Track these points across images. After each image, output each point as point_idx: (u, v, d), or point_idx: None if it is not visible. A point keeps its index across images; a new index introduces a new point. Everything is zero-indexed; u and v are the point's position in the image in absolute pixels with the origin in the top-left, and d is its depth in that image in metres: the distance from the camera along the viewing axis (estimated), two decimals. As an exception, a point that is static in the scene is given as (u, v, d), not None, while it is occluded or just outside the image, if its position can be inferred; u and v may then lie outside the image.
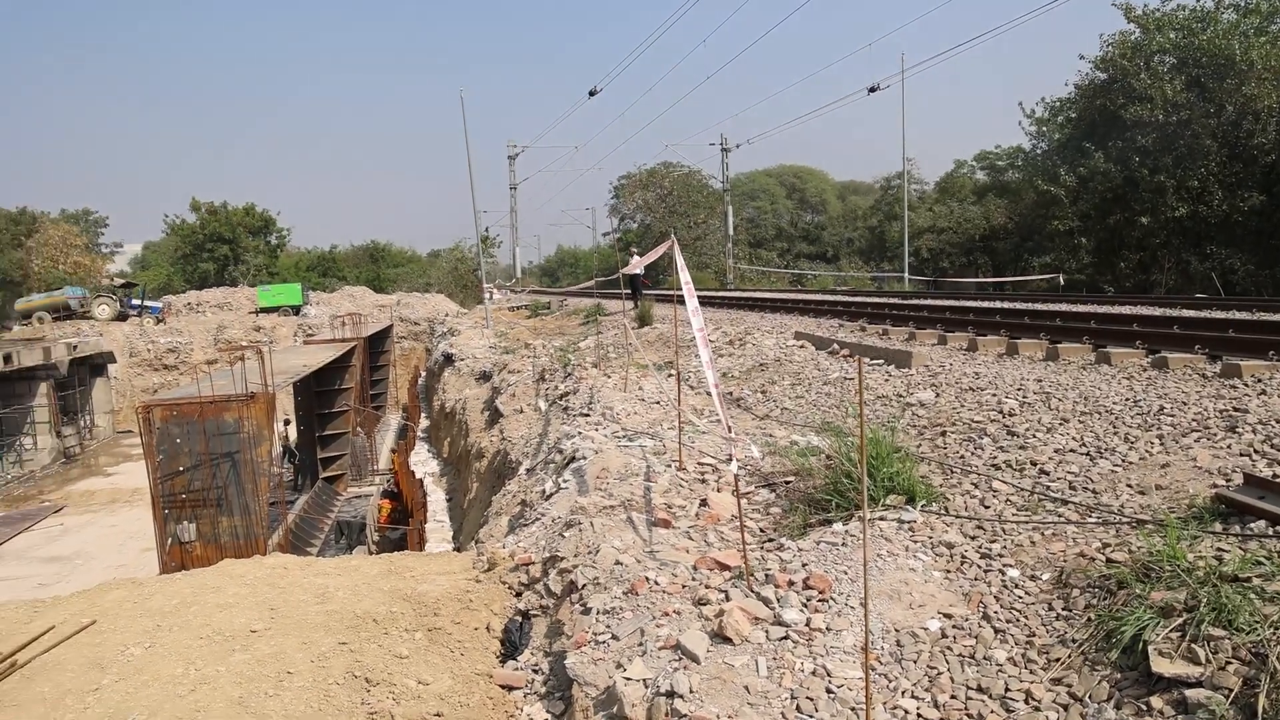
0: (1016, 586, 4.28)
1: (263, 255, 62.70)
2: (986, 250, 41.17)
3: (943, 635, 4.05)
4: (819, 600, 4.47)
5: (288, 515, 17.68)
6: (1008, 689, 3.55)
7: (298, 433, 24.21)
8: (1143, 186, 26.37)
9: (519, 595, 5.88)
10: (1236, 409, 5.79)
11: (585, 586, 5.26)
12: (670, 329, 15.63)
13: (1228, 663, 3.17)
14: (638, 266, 19.68)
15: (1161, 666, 3.25)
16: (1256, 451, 5.03)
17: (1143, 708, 3.17)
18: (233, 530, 13.96)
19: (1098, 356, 8.25)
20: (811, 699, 3.67)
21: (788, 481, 6.44)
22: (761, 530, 5.70)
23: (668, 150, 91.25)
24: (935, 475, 5.99)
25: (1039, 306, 14.50)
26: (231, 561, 6.93)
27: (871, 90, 30.78)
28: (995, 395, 7.39)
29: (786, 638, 4.16)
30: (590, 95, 38.33)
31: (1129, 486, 5.01)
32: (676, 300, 6.78)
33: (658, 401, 10.17)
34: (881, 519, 5.35)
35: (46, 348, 28.57)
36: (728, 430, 5.39)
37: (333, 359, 22.96)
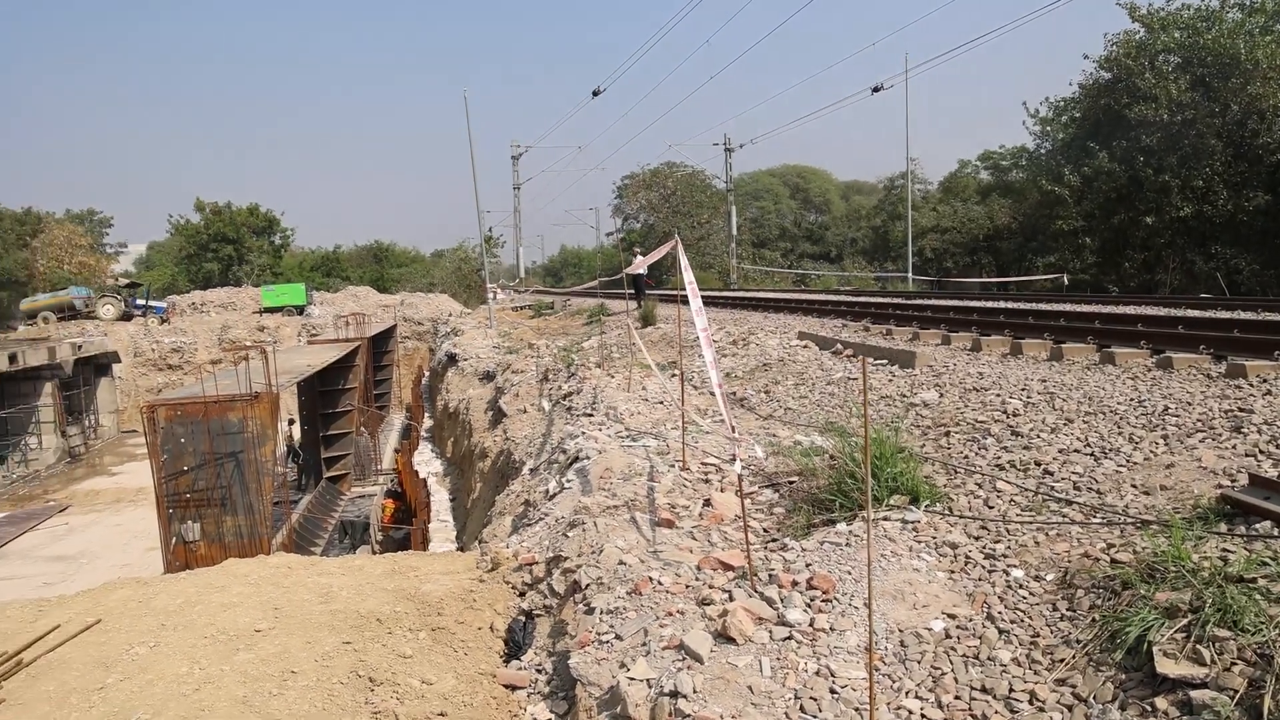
0: (1021, 587, 4.27)
1: (267, 255, 62.82)
2: (990, 250, 41.09)
3: (947, 636, 4.04)
4: (823, 600, 4.46)
5: (292, 515, 17.71)
6: (1012, 690, 3.55)
7: (302, 432, 24.26)
8: (1147, 186, 26.32)
9: (522, 595, 5.89)
10: (1242, 409, 5.78)
11: (589, 586, 5.26)
12: (674, 329, 15.63)
13: (1233, 664, 3.16)
14: (641, 266, 19.69)
15: (1166, 667, 3.24)
16: (1262, 452, 5.01)
17: (1147, 709, 3.17)
18: (237, 530, 13.98)
19: (1102, 357, 8.23)
20: (815, 699, 3.67)
21: (791, 481, 6.44)
22: (765, 530, 5.70)
23: (671, 150, 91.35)
24: (939, 475, 5.98)
25: (1043, 306, 14.47)
26: (236, 561, 6.93)
27: (875, 90, 30.80)
28: (999, 395, 7.38)
29: (790, 638, 4.15)
30: (594, 95, 38.47)
31: (1133, 487, 5.00)
32: (680, 300, 6.78)
33: (661, 401, 10.17)
34: (885, 519, 5.34)
35: (51, 348, 28.67)
36: (731, 430, 5.39)
37: (336, 359, 22.99)
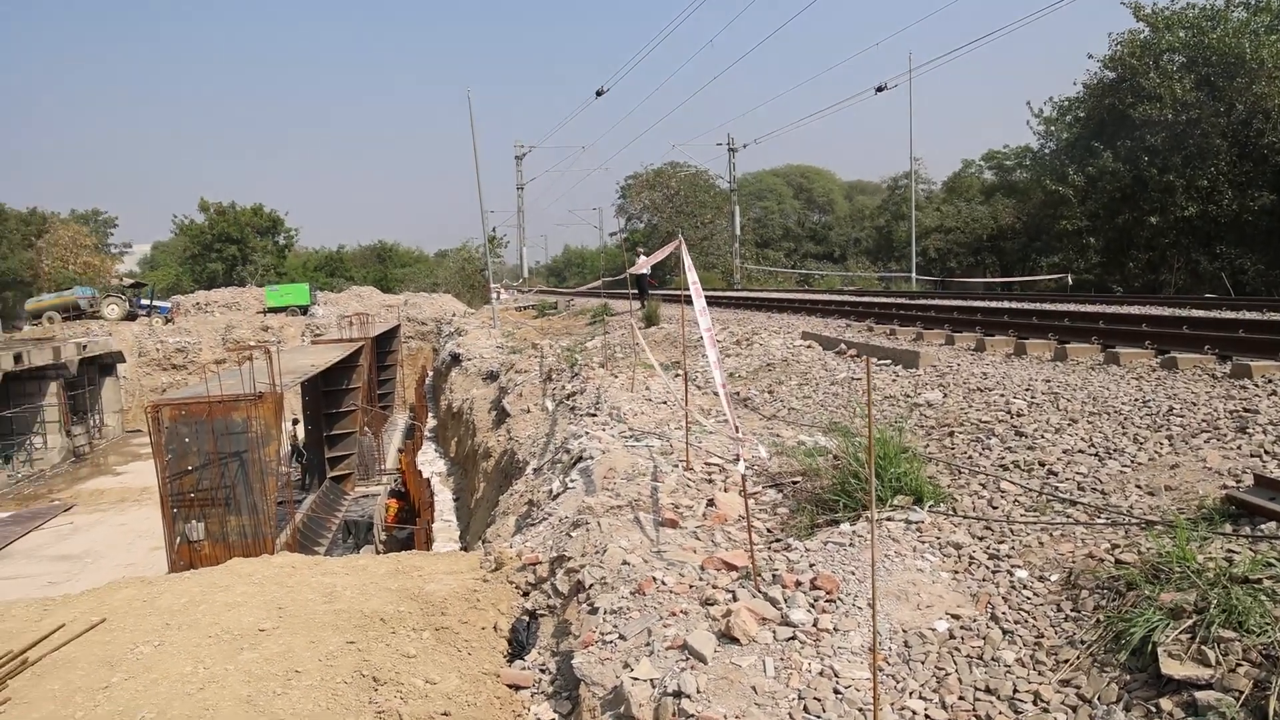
0: (1025, 587, 4.26)
1: (271, 255, 62.95)
2: (994, 250, 41.05)
3: (950, 636, 4.03)
4: (826, 601, 4.46)
5: (295, 514, 17.75)
6: (1016, 690, 3.54)
7: (305, 432, 24.30)
8: (1152, 186, 26.24)
9: (526, 595, 5.89)
10: (1247, 409, 5.76)
11: (592, 586, 5.26)
12: (677, 329, 15.63)
13: (1238, 665, 3.15)
14: (644, 266, 19.69)
15: (1171, 668, 3.23)
16: (1267, 452, 5.00)
17: (1152, 710, 3.16)
18: (241, 529, 14.01)
19: (1106, 357, 8.21)
20: (819, 699, 3.66)
21: (795, 482, 6.43)
22: (769, 530, 5.69)
23: (675, 150, 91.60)
24: (943, 476, 5.97)
25: (1047, 306, 14.45)
26: (240, 560, 6.95)
27: (879, 90, 30.80)
28: (1003, 395, 7.37)
29: (794, 638, 4.15)
30: (597, 95, 38.49)
31: (1138, 487, 4.99)
32: (684, 300, 6.77)
33: (664, 401, 10.16)
34: (889, 519, 5.33)
35: (56, 347, 28.76)
36: (735, 430, 5.39)
37: (340, 359, 23.03)
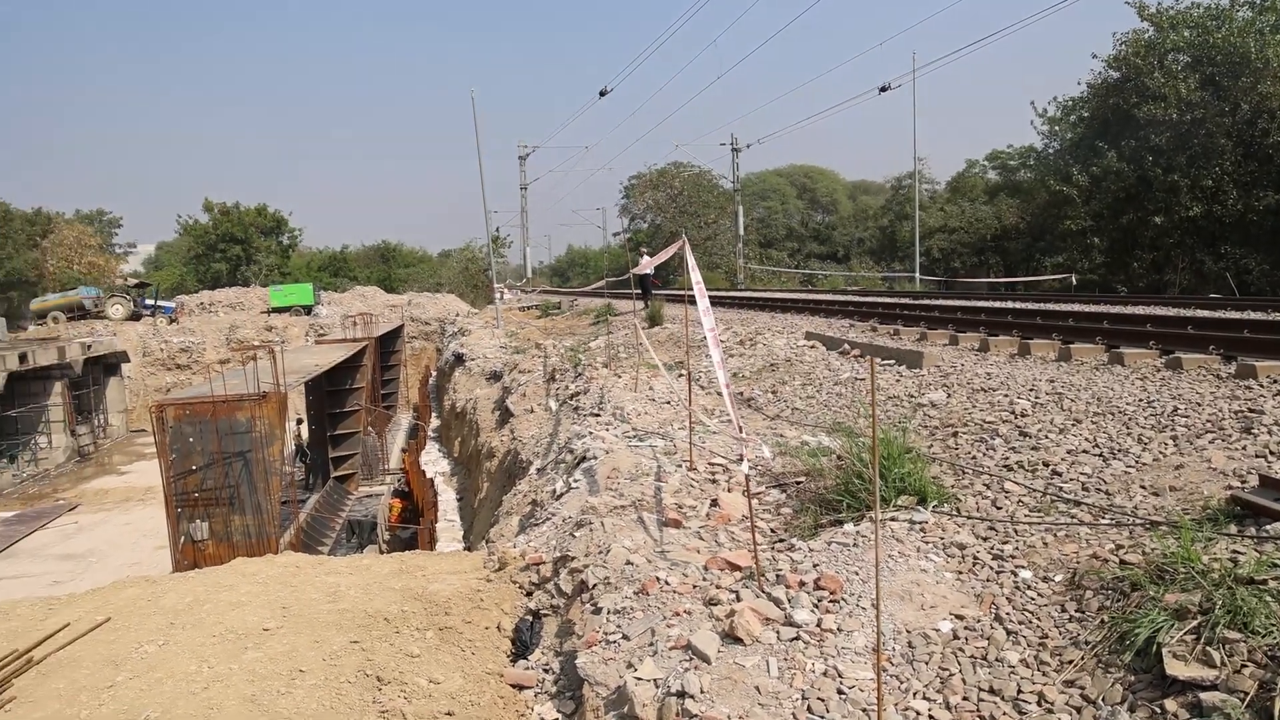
0: (1029, 588, 4.25)
1: (275, 255, 63.05)
2: (998, 250, 41.00)
3: (954, 636, 4.03)
4: (830, 601, 4.46)
5: (299, 514, 17.78)
6: (1020, 691, 3.54)
7: (309, 432, 24.35)
8: (1156, 186, 26.19)
9: (530, 595, 5.89)
10: (1252, 410, 5.74)
11: (596, 586, 5.26)
12: (681, 329, 15.63)
13: (1243, 666, 3.14)
14: (648, 267, 19.69)
15: (1176, 669, 3.23)
16: (1272, 453, 4.98)
17: (1156, 711, 3.15)
18: (245, 529, 14.05)
19: (1111, 357, 8.19)
20: (823, 700, 3.66)
21: (798, 482, 6.43)
22: (772, 530, 5.69)
23: (678, 150, 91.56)
24: (947, 476, 5.97)
25: (1051, 307, 14.43)
26: (244, 560, 6.97)
27: (882, 90, 30.76)
28: (1007, 396, 7.36)
29: (797, 638, 4.15)
30: (601, 95, 38.49)
31: (1143, 488, 4.98)
32: (687, 300, 6.77)
33: (668, 401, 10.16)
34: (893, 520, 5.33)
35: (61, 347, 28.85)
36: (739, 430, 5.39)
37: (344, 359, 23.08)
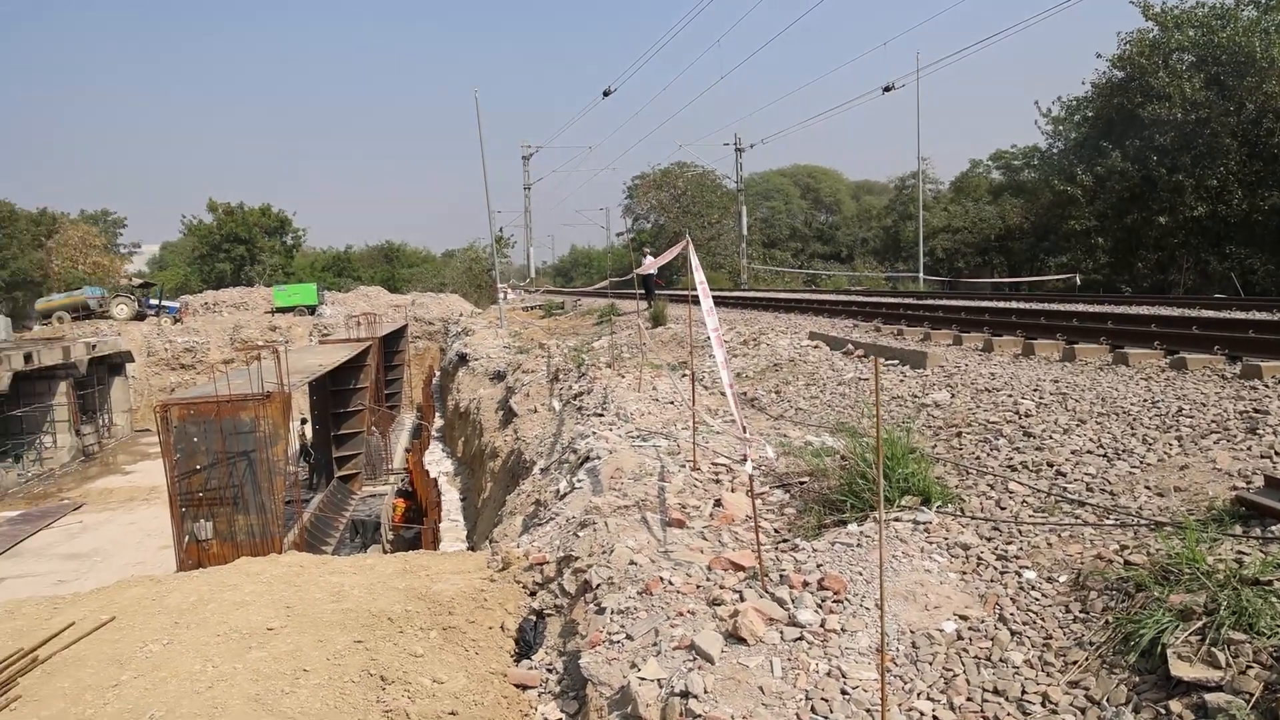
0: (1033, 588, 4.25)
1: (279, 255, 63.13)
2: (1002, 250, 40.94)
3: (958, 637, 4.02)
4: (834, 601, 4.45)
5: (303, 514, 17.80)
6: (1024, 691, 3.53)
7: (313, 432, 24.37)
8: (1161, 186, 26.12)
9: (533, 594, 5.90)
10: (1257, 410, 5.73)
11: (599, 586, 5.27)
12: (684, 329, 15.63)
13: (1248, 667, 3.13)
14: (651, 267, 19.70)
15: (1181, 670, 3.22)
16: (1277, 453, 4.97)
17: (1161, 712, 3.15)
18: (249, 528, 14.07)
19: (1115, 357, 8.18)
20: (826, 700, 3.66)
21: (802, 482, 6.43)
22: (776, 531, 5.69)
23: (682, 150, 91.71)
24: (951, 476, 5.96)
25: (1055, 307, 14.39)
26: (248, 560, 6.98)
27: (886, 89, 30.68)
28: (1011, 396, 7.35)
29: (801, 638, 4.15)
30: (604, 95, 38.43)
31: (1147, 488, 4.97)
32: (691, 300, 6.78)
33: (671, 402, 10.16)
34: (897, 520, 5.32)
35: (66, 347, 28.92)
36: (742, 430, 5.38)
37: (348, 359, 23.10)
